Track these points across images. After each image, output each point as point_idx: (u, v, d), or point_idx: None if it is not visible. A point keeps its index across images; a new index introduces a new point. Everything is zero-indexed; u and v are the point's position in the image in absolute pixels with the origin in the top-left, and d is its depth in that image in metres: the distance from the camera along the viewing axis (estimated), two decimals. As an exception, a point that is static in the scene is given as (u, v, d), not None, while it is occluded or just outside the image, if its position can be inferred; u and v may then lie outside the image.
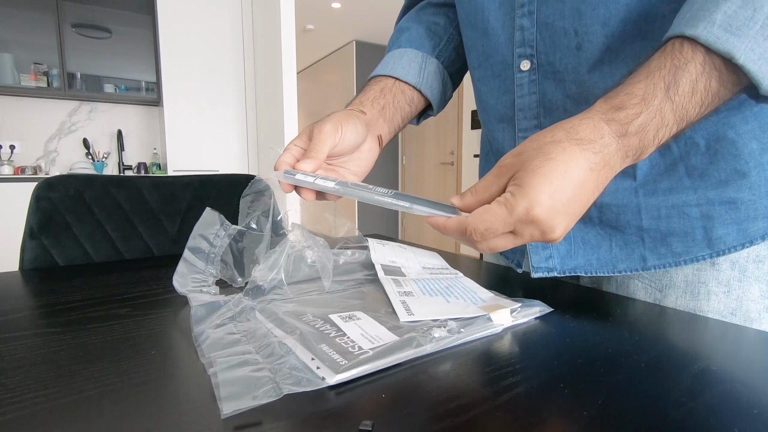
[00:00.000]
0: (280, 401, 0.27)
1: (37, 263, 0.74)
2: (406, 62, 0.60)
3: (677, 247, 0.47)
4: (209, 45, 3.04)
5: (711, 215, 0.45)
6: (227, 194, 0.96)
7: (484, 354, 0.35)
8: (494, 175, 0.36)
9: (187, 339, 0.37)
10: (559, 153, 0.33)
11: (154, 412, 0.26)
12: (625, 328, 0.40)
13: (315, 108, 5.80)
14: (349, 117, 0.49)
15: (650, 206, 0.47)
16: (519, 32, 0.48)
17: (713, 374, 0.31)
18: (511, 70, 0.51)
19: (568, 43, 0.45)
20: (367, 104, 0.55)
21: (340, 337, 0.35)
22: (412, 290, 0.47)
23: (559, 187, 0.33)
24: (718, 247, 0.45)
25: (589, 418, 0.26)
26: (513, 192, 0.33)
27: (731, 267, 0.46)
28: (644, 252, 0.49)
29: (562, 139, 0.34)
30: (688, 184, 0.45)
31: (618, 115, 0.34)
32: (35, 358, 0.34)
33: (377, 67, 0.61)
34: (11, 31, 2.75)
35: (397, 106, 0.58)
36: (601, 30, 0.43)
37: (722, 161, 0.43)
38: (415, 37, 0.63)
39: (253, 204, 0.50)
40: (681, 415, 0.26)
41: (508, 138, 0.54)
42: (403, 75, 0.59)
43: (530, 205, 0.32)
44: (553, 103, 0.49)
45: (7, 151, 2.93)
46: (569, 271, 0.53)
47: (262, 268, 0.45)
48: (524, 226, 0.34)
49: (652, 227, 0.47)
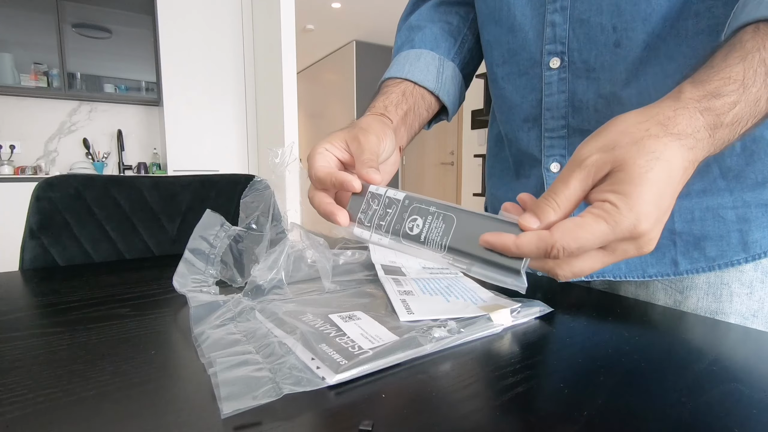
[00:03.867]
0: (280, 401, 0.27)
1: (37, 263, 0.74)
2: (424, 65, 0.56)
3: (711, 251, 0.45)
4: (209, 45, 3.04)
5: (747, 218, 0.43)
6: (227, 194, 0.96)
7: (484, 354, 0.35)
8: (580, 180, 0.29)
9: (187, 339, 0.37)
10: (663, 151, 0.27)
11: (154, 412, 0.26)
12: (625, 329, 0.40)
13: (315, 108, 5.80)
14: (386, 128, 0.43)
15: (683, 208, 0.45)
16: (550, 28, 0.47)
17: (713, 374, 0.31)
18: (539, 68, 0.49)
19: (606, 40, 0.43)
20: (391, 109, 0.51)
21: (340, 337, 0.35)
22: (412, 289, 0.47)
23: (663, 194, 0.27)
24: (754, 251, 0.44)
25: (589, 418, 0.26)
26: (615, 203, 0.27)
27: (754, 268, 0.45)
28: (676, 256, 0.47)
29: (660, 134, 0.28)
30: (723, 186, 0.44)
31: (714, 103, 0.29)
32: (35, 358, 0.34)
33: (391, 67, 0.58)
34: (11, 31, 2.75)
35: (417, 113, 0.55)
36: (642, 27, 0.41)
37: (759, 162, 0.42)
38: (429, 37, 0.59)
39: (253, 204, 0.50)
40: (681, 415, 0.26)
41: (533, 138, 0.53)
42: (422, 79, 0.55)
43: (638, 220, 0.27)
44: (584, 102, 0.47)
45: (7, 151, 2.93)
46: (597, 275, 0.51)
47: (262, 268, 0.45)
48: (624, 242, 0.28)
49: (685, 230, 0.46)
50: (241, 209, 0.50)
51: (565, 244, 0.27)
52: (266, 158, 3.08)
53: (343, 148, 0.41)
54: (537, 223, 0.29)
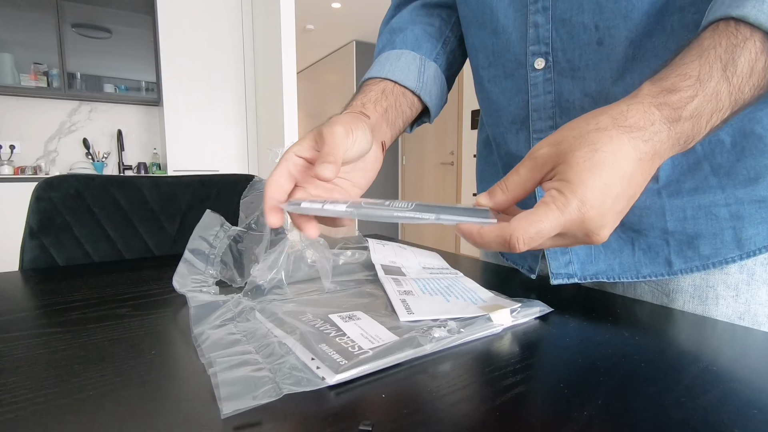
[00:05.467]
0: (280, 401, 0.27)
1: (37, 263, 0.74)
2: (404, 65, 0.55)
3: (705, 249, 0.45)
4: (209, 45, 3.04)
5: (740, 215, 0.43)
6: (227, 194, 0.96)
7: (484, 354, 0.35)
8: (528, 168, 0.32)
9: (187, 339, 0.37)
10: (606, 143, 0.30)
11: (154, 412, 0.26)
12: (625, 328, 0.40)
13: (315, 108, 5.80)
14: (357, 121, 0.43)
15: (675, 207, 0.45)
16: (533, 29, 0.47)
17: (713, 374, 0.31)
18: (524, 69, 0.49)
19: (588, 39, 0.43)
20: (369, 106, 0.50)
21: (340, 337, 0.35)
22: (412, 289, 0.47)
23: (609, 182, 0.29)
24: (748, 248, 0.44)
25: (589, 418, 0.26)
26: (560, 189, 0.30)
27: (740, 270, 0.45)
28: (670, 255, 0.47)
29: (608, 127, 0.30)
30: (714, 183, 0.43)
31: (670, 98, 0.31)
32: (35, 358, 0.34)
33: (371, 69, 0.56)
34: (11, 31, 2.75)
35: (399, 109, 0.53)
36: (624, 24, 0.41)
37: (750, 158, 0.42)
38: (410, 38, 0.58)
39: (253, 204, 0.50)
40: (681, 415, 0.26)
41: (522, 140, 0.52)
42: (402, 79, 0.54)
43: (582, 203, 0.29)
44: (570, 102, 0.47)
45: (7, 151, 2.93)
46: (590, 277, 0.51)
47: (261, 268, 0.45)
48: (574, 226, 0.30)
49: (678, 229, 0.45)
50: (241, 209, 0.50)
51: (523, 232, 0.29)
52: (266, 158, 3.08)
53: (312, 147, 0.41)
54: (488, 200, 0.34)
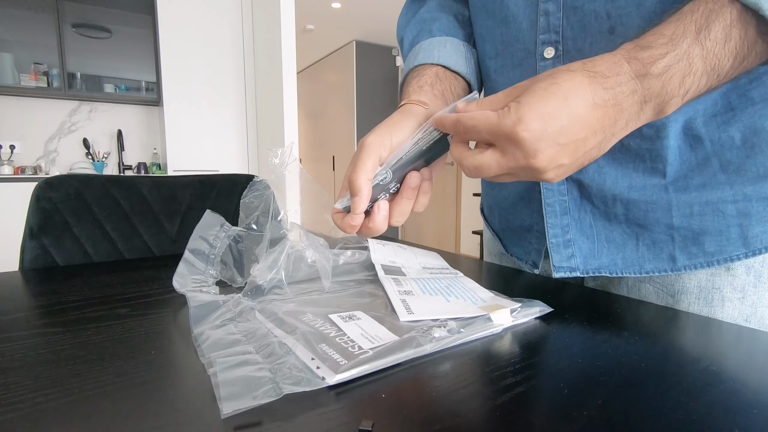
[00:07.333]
0: (280, 401, 0.27)
1: (37, 263, 0.74)
2: (452, 50, 0.54)
3: (710, 246, 0.45)
4: (209, 45, 3.04)
5: (748, 212, 0.43)
6: (227, 194, 0.96)
7: (484, 354, 0.35)
8: (504, 93, 0.35)
9: (186, 339, 0.37)
10: (567, 79, 0.32)
11: (154, 412, 0.26)
12: (626, 329, 0.40)
13: (315, 108, 5.80)
14: (405, 119, 0.42)
15: (682, 203, 0.45)
16: (543, 18, 0.46)
17: (713, 374, 0.31)
18: (533, 59, 0.48)
19: (600, 27, 0.43)
20: (426, 89, 0.48)
21: (340, 337, 0.35)
22: (412, 289, 0.47)
23: (553, 112, 0.31)
24: (754, 246, 0.43)
25: (589, 418, 0.26)
26: (510, 106, 0.33)
27: (746, 272, 0.45)
28: (674, 251, 0.46)
29: (576, 69, 0.33)
30: (723, 180, 0.43)
31: (641, 54, 0.32)
32: (35, 358, 0.34)
33: (417, 55, 0.54)
34: (11, 31, 2.75)
35: (455, 93, 0.51)
36: (636, 11, 0.41)
37: (760, 155, 0.42)
38: (446, 26, 0.57)
39: (253, 204, 0.50)
40: (681, 415, 0.26)
41: None
42: (453, 64, 0.53)
43: (519, 120, 0.31)
44: None
45: (7, 151, 2.93)
46: (593, 270, 0.51)
47: (261, 268, 0.45)
48: (508, 143, 0.32)
49: (684, 225, 0.45)
50: (241, 209, 0.50)
51: (464, 120, 0.35)
52: (266, 158, 3.08)
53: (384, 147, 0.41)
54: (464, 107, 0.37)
